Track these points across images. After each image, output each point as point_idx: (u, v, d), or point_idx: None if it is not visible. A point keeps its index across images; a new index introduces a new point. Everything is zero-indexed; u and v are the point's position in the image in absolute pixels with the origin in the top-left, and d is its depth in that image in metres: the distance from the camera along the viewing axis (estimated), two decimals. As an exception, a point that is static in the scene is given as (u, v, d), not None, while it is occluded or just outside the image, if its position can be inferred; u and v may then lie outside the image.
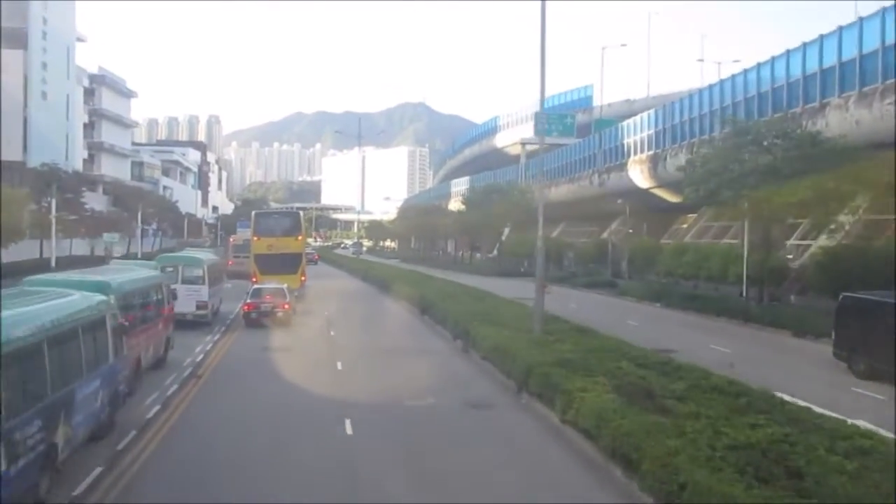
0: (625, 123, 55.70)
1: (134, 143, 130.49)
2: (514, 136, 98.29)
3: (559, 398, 13.40)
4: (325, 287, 45.16)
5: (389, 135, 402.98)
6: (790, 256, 34.90)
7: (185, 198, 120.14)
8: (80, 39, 76.44)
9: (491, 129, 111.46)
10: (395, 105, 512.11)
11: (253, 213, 36.99)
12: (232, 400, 15.84)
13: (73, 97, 71.83)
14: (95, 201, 70.79)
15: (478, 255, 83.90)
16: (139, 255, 71.92)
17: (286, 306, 28.72)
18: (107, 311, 12.44)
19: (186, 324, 25.16)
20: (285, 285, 30.24)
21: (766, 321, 27.37)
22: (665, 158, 47.26)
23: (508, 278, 57.85)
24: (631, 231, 61.23)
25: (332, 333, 25.33)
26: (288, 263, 35.47)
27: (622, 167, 55.02)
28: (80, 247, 61.90)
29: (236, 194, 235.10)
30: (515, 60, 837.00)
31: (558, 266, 66.80)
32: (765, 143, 26.98)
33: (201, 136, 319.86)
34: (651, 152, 49.65)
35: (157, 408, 14.75)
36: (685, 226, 52.02)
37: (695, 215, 50.99)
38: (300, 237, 36.71)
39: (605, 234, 63.48)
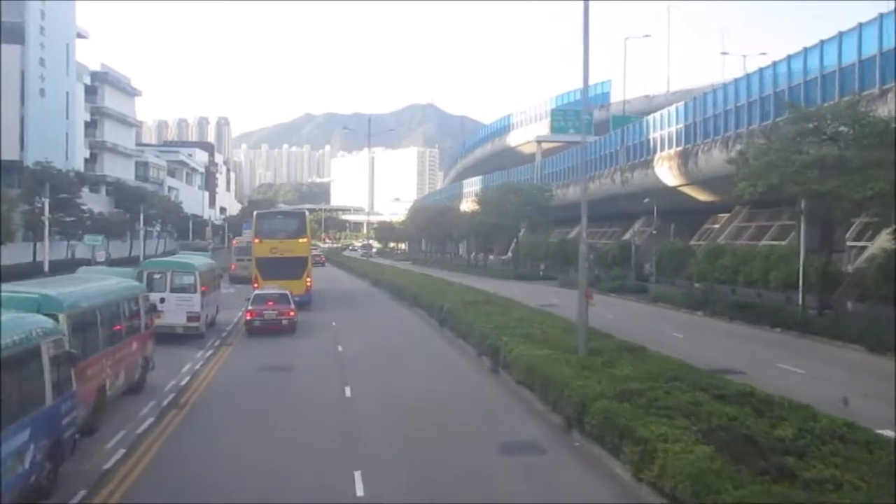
0: (650, 118, 52.54)
1: (141, 144, 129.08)
2: (528, 134, 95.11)
3: (630, 447, 10.39)
4: (333, 293, 42.24)
5: (398, 136, 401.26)
6: (844, 258, 31.73)
7: (192, 199, 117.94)
8: (81, 36, 74.09)
9: (503, 128, 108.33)
10: (403, 106, 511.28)
11: (254, 213, 34.00)
12: (215, 443, 12.87)
13: (73, 95, 69.45)
14: (96, 202, 68.43)
15: (490, 256, 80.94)
16: (142, 258, 69.75)
17: (291, 313, 26.17)
18: (44, 337, 9.53)
19: (176, 338, 22.34)
20: (288, 291, 27.69)
21: (830, 333, 24.19)
22: (696, 154, 44.08)
23: (527, 282, 54.82)
24: (655, 232, 58.16)
25: (339, 349, 22.39)
26: (292, 268, 32.66)
27: (647, 164, 51.87)
28: (80, 250, 59.39)
29: (245, 196, 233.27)
30: (524, 61, 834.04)
31: (570, 267, 63.72)
32: (826, 133, 23.79)
33: (211, 138, 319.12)
34: (680, 148, 46.46)
35: (120, 452, 11.86)
36: (717, 226, 48.82)
37: (727, 215, 47.82)
38: (305, 239, 33.87)
39: (627, 235, 60.30)
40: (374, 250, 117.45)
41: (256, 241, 33.03)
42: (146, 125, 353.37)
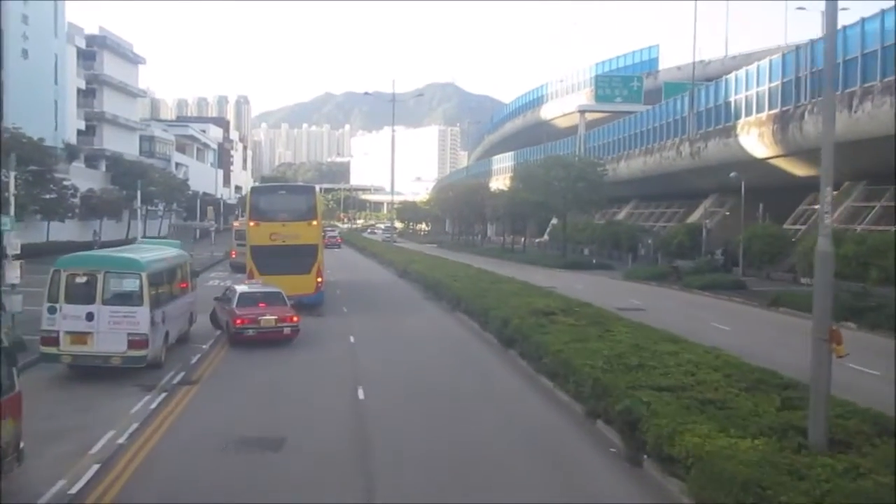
0: (731, 77, 43.76)
1: (158, 121, 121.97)
2: (565, 106, 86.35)
3: None
4: (351, 286, 34.41)
5: (419, 115, 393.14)
6: None
7: (204, 176, 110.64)
8: (73, -7, 66.43)
9: (536, 100, 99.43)
10: (423, 85, 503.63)
11: (249, 187, 26.09)
12: None
13: (62, 58, 61.80)
14: (89, 177, 61.29)
15: (522, 239, 72.75)
16: (139, 240, 62.54)
17: (294, 318, 19.70)
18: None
19: (108, 376, 14.70)
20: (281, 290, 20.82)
21: None
22: (802, 117, 35.45)
23: (580, 271, 46.58)
24: (728, 213, 49.63)
25: (360, 395, 14.47)
26: (298, 259, 24.95)
27: (727, 132, 43.24)
28: (68, 230, 52.27)
29: (263, 175, 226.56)
30: (545, 39, 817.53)
31: (629, 254, 55.44)
32: None
33: (230, 117, 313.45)
34: (776, 111, 37.82)
35: None
36: (818, 206, 40.25)
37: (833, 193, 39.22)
38: (315, 222, 25.93)
39: (693, 217, 51.79)
40: (397, 234, 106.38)
41: (252, 224, 25.18)
42: (165, 104, 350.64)
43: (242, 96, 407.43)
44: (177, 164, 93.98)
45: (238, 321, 19.25)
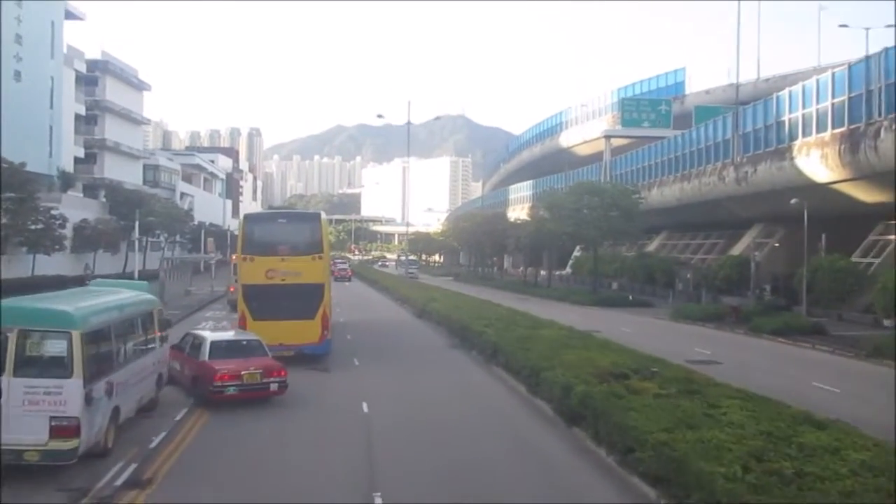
0: (785, 93, 39.50)
1: (169, 150, 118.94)
2: (585, 132, 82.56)
3: None
4: (364, 328, 29.97)
5: (430, 147, 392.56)
6: None
7: (210, 206, 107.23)
8: (75, 17, 63.58)
9: (554, 128, 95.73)
10: (434, 117, 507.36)
11: (242, 216, 21.58)
12: None
13: (59, 81, 58.60)
14: (82, 207, 57.57)
15: (541, 272, 68.21)
16: (136, 275, 58.61)
17: (282, 373, 16.19)
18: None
19: (22, 475, 10.35)
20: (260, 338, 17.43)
21: None
22: (878, 134, 31.06)
23: (617, 310, 41.88)
24: (777, 245, 45.11)
25: (378, 507, 10.00)
26: (300, 302, 20.60)
27: (781, 154, 38.90)
28: (58, 264, 48.30)
29: (271, 206, 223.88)
30: (554, 72, 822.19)
31: (668, 290, 50.77)
32: None
33: (243, 149, 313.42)
34: (844, 129, 33.49)
35: None
36: (893, 237, 35.66)
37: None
38: (322, 256, 21.28)
39: (737, 248, 47.20)
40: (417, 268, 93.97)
41: (244, 259, 20.88)
42: (177, 135, 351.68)
43: (255, 128, 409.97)
44: (182, 194, 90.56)
45: (217, 377, 15.36)
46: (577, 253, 69.49)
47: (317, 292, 20.78)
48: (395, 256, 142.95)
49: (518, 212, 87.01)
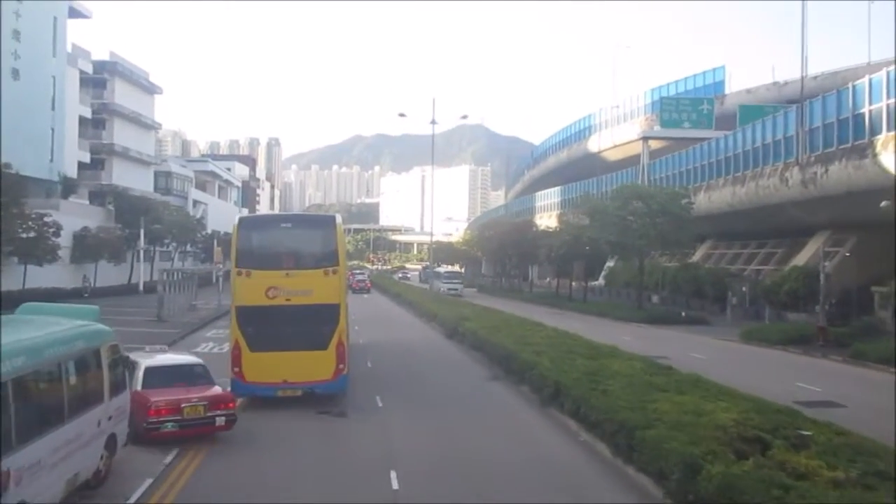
0: (864, 81, 34.73)
1: (190, 160, 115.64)
2: (617, 135, 77.95)
3: None
4: (386, 357, 25.44)
5: (448, 156, 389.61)
6: None
7: (225, 215, 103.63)
8: (80, 14, 60.32)
9: (581, 132, 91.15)
10: (453, 127, 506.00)
11: (237, 218, 17.23)
12: None
13: (62, 81, 55.21)
14: (83, 214, 54.00)
15: (571, 283, 63.41)
16: (141, 287, 55.04)
17: (231, 405, 13.77)
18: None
19: None
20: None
21: None
22: None
23: (670, 328, 37.21)
24: (848, 255, 40.26)
25: None
26: (309, 328, 16.34)
27: (860, 152, 34.13)
28: (55, 275, 44.68)
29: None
30: (574, 79, 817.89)
31: (716, 303, 45.94)
32: None
33: (261, 159, 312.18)
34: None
35: None
36: None
37: None
38: (337, 269, 16.98)
39: (800, 258, 42.33)
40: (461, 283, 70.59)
41: (238, 274, 16.61)
42: (196, 145, 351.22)
43: (274, 138, 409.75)
44: (195, 202, 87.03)
45: (152, 412, 12.71)
46: (610, 263, 64.75)
47: (330, 316, 16.43)
48: (417, 266, 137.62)
49: (546, 219, 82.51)
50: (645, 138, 65.15)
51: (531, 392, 17.83)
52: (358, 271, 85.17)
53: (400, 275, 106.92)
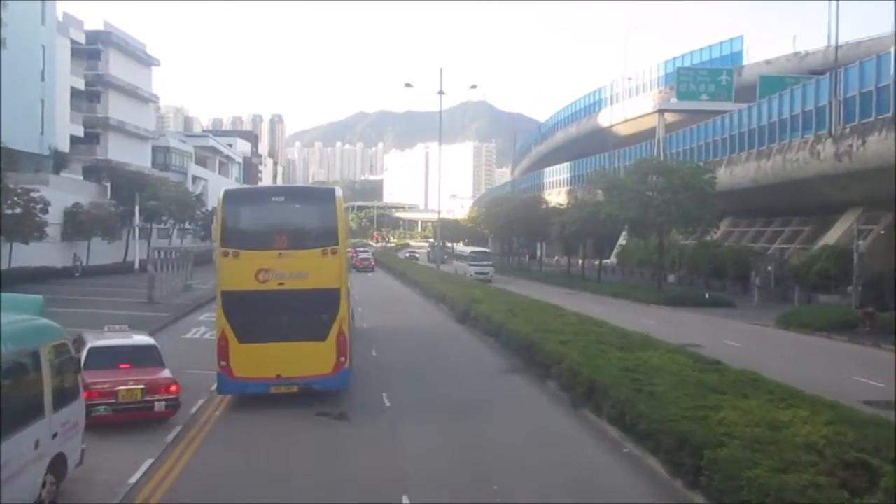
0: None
1: (192, 135, 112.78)
2: (629, 109, 75.14)
3: None
4: (393, 344, 23.32)
5: (452, 133, 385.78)
6: None
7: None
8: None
9: (591, 106, 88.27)
10: (456, 104, 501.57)
11: (223, 190, 14.92)
12: None
13: (52, 51, 52.76)
14: (76, 189, 51.77)
15: (580, 261, 61.24)
16: (136, 265, 52.99)
17: (172, 388, 12.78)
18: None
19: None
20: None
21: None
22: None
23: (693, 310, 35.02)
24: (883, 232, 37.96)
25: None
26: (305, 316, 14.24)
27: (902, 121, 31.68)
28: (46, 253, 42.67)
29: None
30: (575, 57, 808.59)
31: (738, 283, 43.78)
32: None
33: (264, 135, 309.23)
34: None
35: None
36: None
37: None
38: (337, 249, 14.78)
39: (830, 237, 40.04)
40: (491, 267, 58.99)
41: (225, 254, 14.47)
42: (199, 122, 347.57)
43: (277, 115, 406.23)
44: (194, 178, 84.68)
45: (87, 395, 11.30)
46: (622, 241, 62.44)
47: (330, 302, 14.28)
48: (423, 244, 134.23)
49: (555, 195, 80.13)
50: (661, 111, 62.46)
51: (559, 389, 15.71)
52: (361, 249, 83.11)
53: (407, 254, 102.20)
